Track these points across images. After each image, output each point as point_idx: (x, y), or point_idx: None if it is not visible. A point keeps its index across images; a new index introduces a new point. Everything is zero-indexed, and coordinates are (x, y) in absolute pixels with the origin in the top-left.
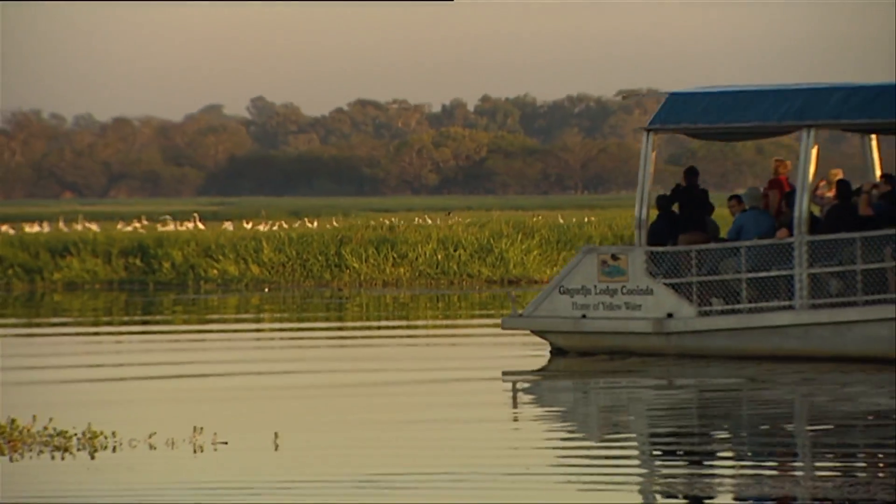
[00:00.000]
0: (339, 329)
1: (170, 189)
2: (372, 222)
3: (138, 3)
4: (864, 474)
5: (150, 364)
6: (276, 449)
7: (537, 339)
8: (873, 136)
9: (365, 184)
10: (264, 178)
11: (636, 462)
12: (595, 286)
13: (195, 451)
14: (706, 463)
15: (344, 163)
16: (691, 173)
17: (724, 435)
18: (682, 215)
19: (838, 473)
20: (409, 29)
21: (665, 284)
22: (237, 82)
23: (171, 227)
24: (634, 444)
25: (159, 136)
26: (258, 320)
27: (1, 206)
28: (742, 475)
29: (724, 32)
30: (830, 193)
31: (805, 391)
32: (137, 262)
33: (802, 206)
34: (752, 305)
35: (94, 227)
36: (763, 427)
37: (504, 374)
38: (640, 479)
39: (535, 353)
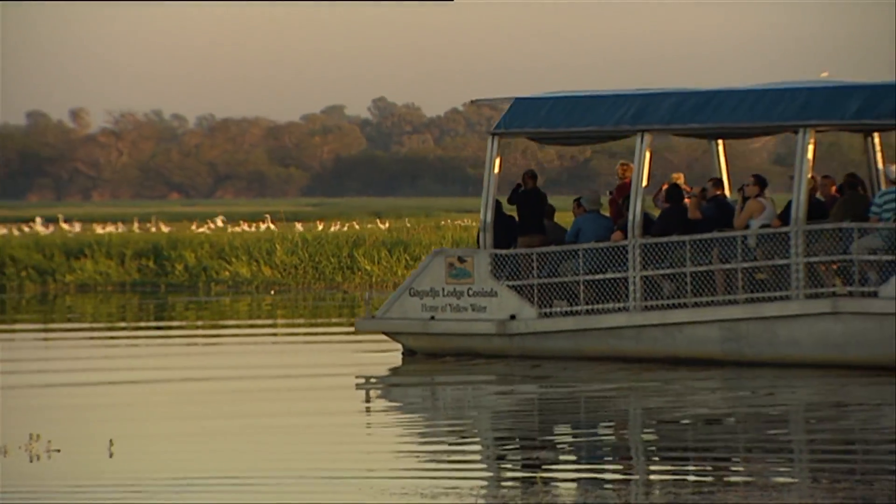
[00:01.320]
0: (213, 333)
1: (275, 189)
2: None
3: (257, 3)
4: (694, 477)
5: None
6: (110, 456)
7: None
8: (720, 142)
9: (469, 184)
10: (370, 178)
11: (479, 465)
12: (443, 288)
13: (31, 460)
14: (545, 466)
15: (449, 163)
16: (529, 176)
17: (563, 437)
18: (521, 218)
19: (671, 476)
20: (527, 29)
21: (508, 286)
22: (360, 83)
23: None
24: (478, 446)
25: (268, 136)
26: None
27: (108, 206)
28: (580, 478)
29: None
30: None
31: (640, 393)
32: (150, 264)
33: (636, 210)
34: (590, 307)
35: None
36: (601, 429)
37: (357, 376)
38: (482, 483)
39: (389, 355)
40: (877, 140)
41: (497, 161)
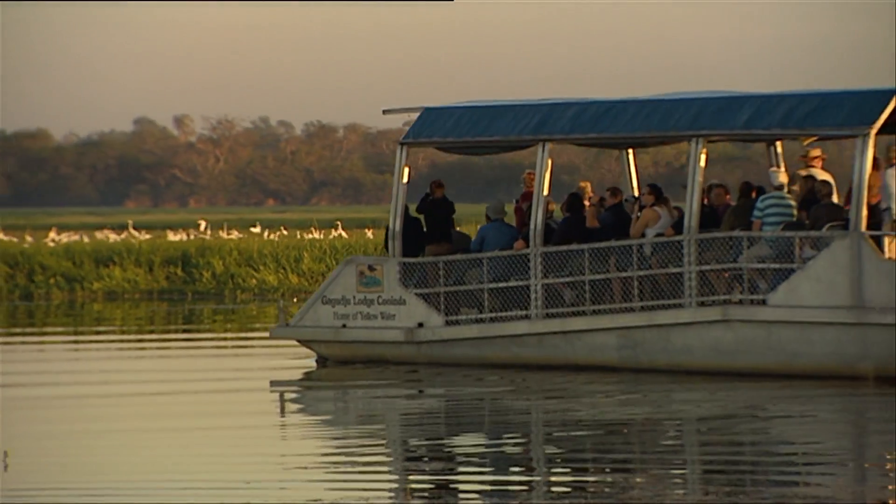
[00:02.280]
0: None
1: (371, 196)
2: None
3: (360, 5)
4: (594, 478)
5: None
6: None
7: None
8: (630, 151)
9: (563, 191)
10: (465, 184)
11: (389, 471)
12: (354, 296)
13: None
14: (452, 473)
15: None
16: (435, 185)
17: (470, 444)
18: (429, 226)
19: (572, 480)
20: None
21: (416, 294)
22: (458, 89)
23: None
24: (387, 453)
25: (364, 143)
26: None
27: (204, 213)
28: (487, 482)
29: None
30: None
31: (542, 399)
32: (178, 271)
33: (538, 219)
34: (494, 315)
35: (232, 234)
36: (505, 435)
37: (272, 383)
38: (391, 489)
39: (304, 362)
40: (779, 148)
41: (406, 170)
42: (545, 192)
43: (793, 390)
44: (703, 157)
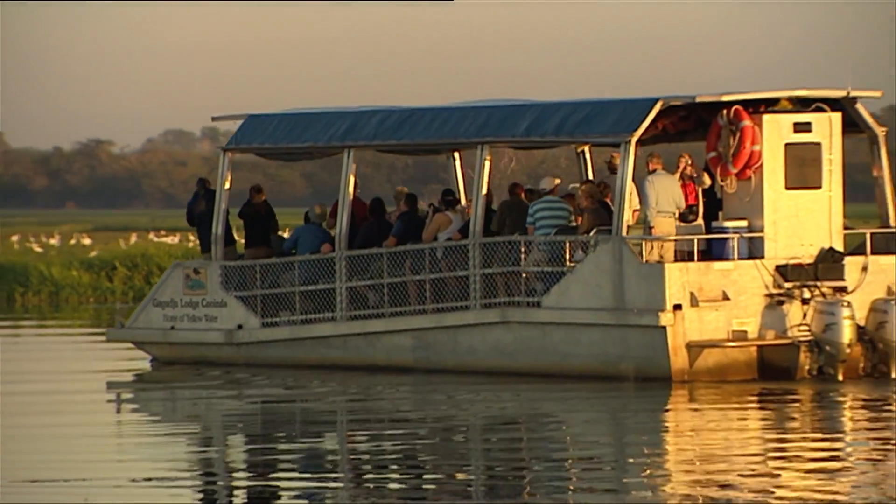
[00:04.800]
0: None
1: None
2: None
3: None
4: (397, 484)
5: None
6: None
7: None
8: (457, 154)
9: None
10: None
11: (212, 470)
12: (181, 299)
13: None
14: (269, 474)
15: None
16: (255, 191)
17: (284, 444)
18: (248, 231)
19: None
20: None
21: (236, 297)
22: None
23: None
24: (212, 453)
25: None
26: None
27: None
28: (304, 480)
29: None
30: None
31: (345, 398)
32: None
33: (342, 223)
34: (304, 317)
35: None
36: (316, 434)
37: (108, 384)
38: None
39: (140, 363)
40: (587, 155)
41: (228, 176)
42: (351, 196)
43: (561, 392)
44: (487, 163)
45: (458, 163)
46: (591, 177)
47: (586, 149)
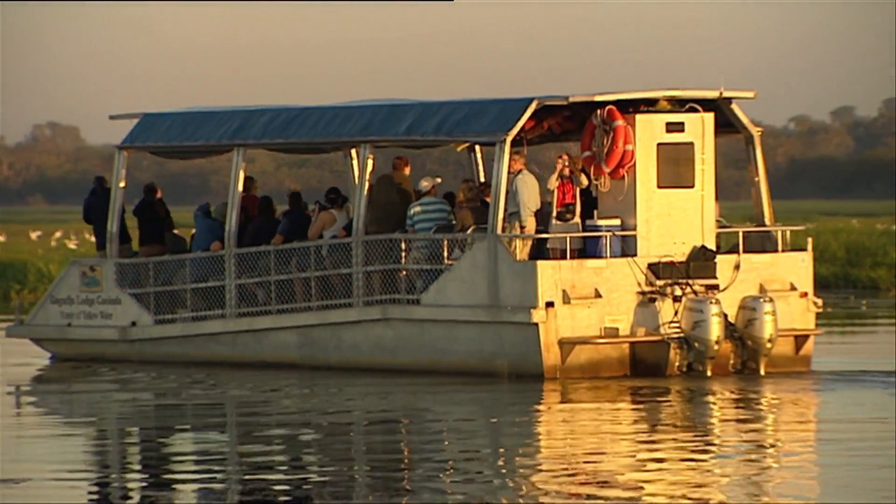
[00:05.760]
0: None
1: (728, 192)
2: None
3: None
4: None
5: None
6: None
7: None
8: (353, 152)
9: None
10: (824, 181)
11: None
12: (78, 296)
13: None
14: (163, 468)
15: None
16: (149, 189)
17: (181, 438)
18: (142, 229)
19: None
20: None
21: (130, 294)
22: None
23: None
24: (107, 448)
25: (730, 138)
26: None
27: None
28: (190, 480)
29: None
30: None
31: (236, 394)
32: None
33: (232, 221)
34: (196, 314)
35: None
36: (204, 432)
37: (9, 383)
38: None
39: (38, 361)
40: (478, 154)
41: (123, 173)
42: (239, 195)
43: (439, 388)
44: (370, 162)
45: (354, 161)
46: (482, 176)
47: (478, 148)
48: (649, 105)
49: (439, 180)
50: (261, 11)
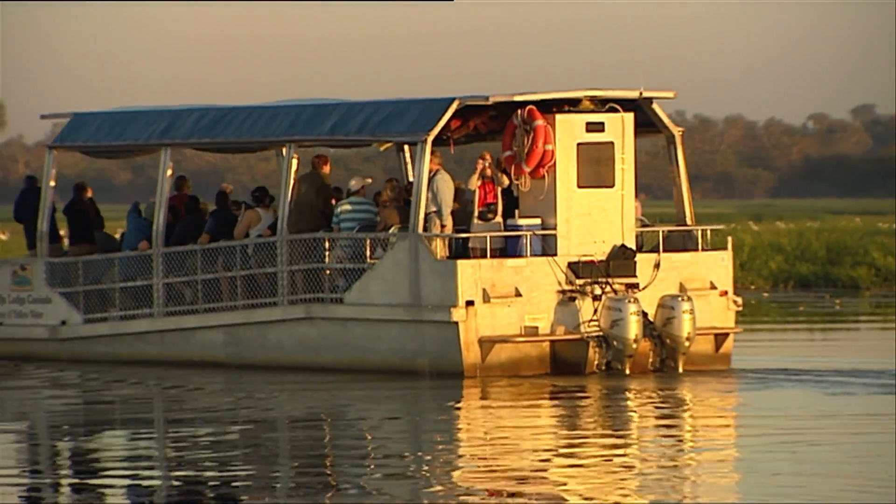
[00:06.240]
0: None
1: (743, 191)
2: None
3: None
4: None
5: None
6: None
7: None
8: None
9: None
10: (839, 179)
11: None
12: (9, 295)
13: None
14: (91, 468)
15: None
16: (79, 188)
17: (113, 438)
18: (71, 228)
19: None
20: None
21: (60, 293)
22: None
23: None
24: (39, 450)
25: (746, 136)
26: None
27: None
28: (119, 477)
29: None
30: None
31: (161, 394)
32: None
33: (160, 220)
34: (124, 313)
35: None
36: (132, 430)
37: None
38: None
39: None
40: (407, 155)
41: (53, 173)
42: (167, 193)
43: (361, 387)
44: (294, 161)
45: (294, 160)
46: (409, 175)
47: (406, 148)
48: (572, 105)
49: (370, 180)
50: (260, 11)
